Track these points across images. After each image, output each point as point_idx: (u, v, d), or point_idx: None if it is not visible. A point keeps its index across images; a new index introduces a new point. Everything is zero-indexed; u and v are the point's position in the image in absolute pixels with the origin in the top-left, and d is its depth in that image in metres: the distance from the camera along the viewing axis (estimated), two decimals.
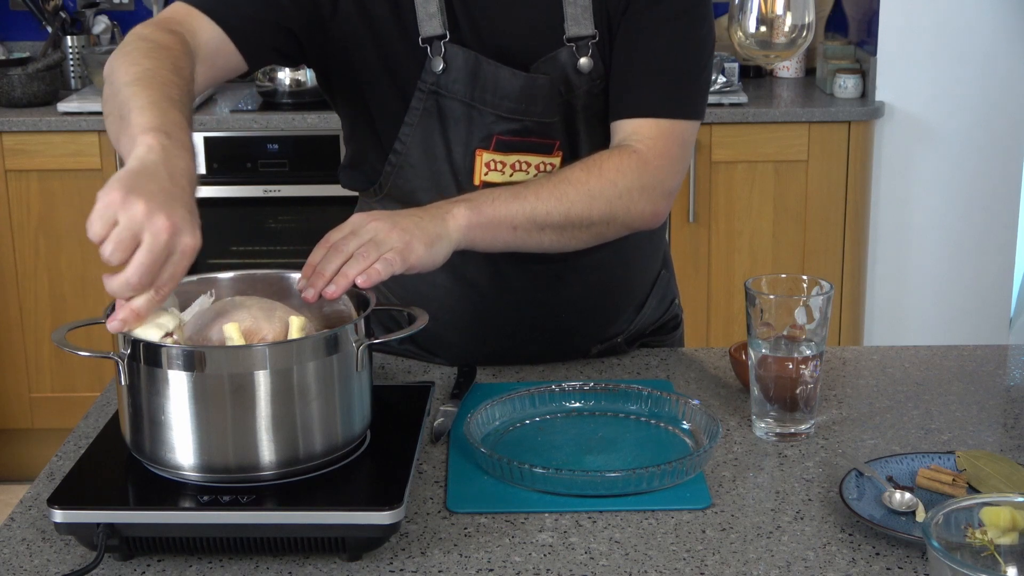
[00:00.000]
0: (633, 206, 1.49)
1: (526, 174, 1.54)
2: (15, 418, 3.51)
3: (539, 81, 1.51)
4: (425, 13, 1.50)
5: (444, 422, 1.43)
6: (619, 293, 1.67)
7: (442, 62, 1.50)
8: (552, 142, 1.53)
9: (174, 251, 1.12)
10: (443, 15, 1.50)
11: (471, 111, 1.51)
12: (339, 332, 1.21)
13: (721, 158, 3.35)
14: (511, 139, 1.52)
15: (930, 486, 1.27)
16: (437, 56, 1.50)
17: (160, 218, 1.10)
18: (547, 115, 1.52)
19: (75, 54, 3.64)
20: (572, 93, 1.53)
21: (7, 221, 3.37)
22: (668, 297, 1.77)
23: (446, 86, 1.51)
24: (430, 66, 1.51)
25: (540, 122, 1.52)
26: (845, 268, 3.42)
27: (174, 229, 1.11)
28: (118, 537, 1.14)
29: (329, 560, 1.16)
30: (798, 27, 1.24)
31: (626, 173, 1.47)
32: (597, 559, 1.16)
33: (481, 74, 1.50)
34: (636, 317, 1.70)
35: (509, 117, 1.51)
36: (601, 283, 1.63)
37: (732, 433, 1.43)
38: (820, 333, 1.38)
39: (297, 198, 3.37)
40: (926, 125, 3.38)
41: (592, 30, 1.52)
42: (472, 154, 1.53)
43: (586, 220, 1.46)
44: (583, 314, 1.63)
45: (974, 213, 3.43)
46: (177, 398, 1.16)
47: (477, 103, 1.51)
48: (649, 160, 1.49)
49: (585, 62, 1.52)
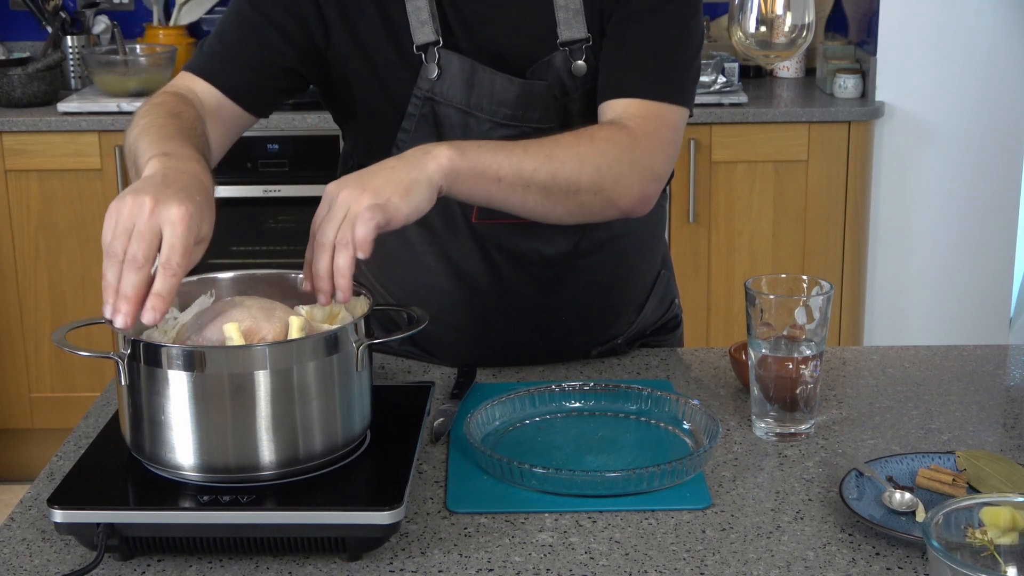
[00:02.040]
0: (622, 180, 1.43)
1: None
2: (15, 418, 3.51)
3: (536, 88, 1.50)
4: (417, 21, 1.50)
5: (444, 422, 1.43)
6: (619, 294, 1.67)
7: (436, 68, 1.50)
8: None
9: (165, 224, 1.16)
10: (435, 22, 1.50)
11: (467, 118, 1.51)
12: (339, 332, 1.21)
13: (721, 158, 3.35)
14: None
15: (930, 486, 1.27)
16: (432, 63, 1.50)
17: (166, 206, 1.16)
18: (544, 121, 1.52)
19: (75, 54, 3.64)
20: (568, 97, 1.53)
21: (7, 221, 3.37)
22: (668, 297, 1.77)
23: (441, 92, 1.51)
24: (425, 72, 1.51)
25: (537, 128, 1.51)
26: (845, 268, 3.42)
27: (185, 213, 1.16)
28: (118, 537, 1.14)
29: (329, 560, 1.16)
30: (798, 27, 1.24)
31: (616, 144, 1.44)
32: (597, 559, 1.16)
33: (477, 81, 1.50)
34: (636, 318, 1.70)
35: (506, 124, 1.51)
36: (601, 284, 1.63)
37: (732, 433, 1.43)
38: (820, 333, 1.38)
39: (297, 198, 3.37)
40: (926, 125, 3.38)
41: (585, 33, 1.51)
42: None
43: (573, 185, 1.41)
44: (583, 315, 1.63)
45: (974, 213, 3.43)
46: (177, 398, 1.16)
47: (474, 110, 1.51)
48: (639, 138, 1.46)
49: (579, 65, 1.52)
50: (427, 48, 1.50)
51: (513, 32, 1.52)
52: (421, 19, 1.50)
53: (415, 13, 1.50)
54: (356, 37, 1.52)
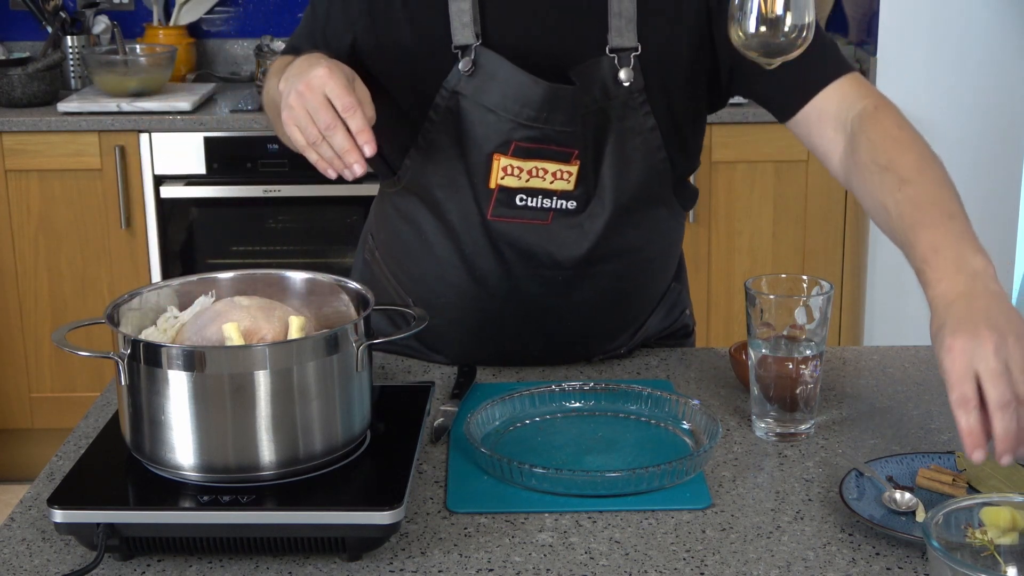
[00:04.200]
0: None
1: (542, 180, 1.52)
2: (15, 418, 3.51)
3: (561, 92, 1.49)
4: (459, 23, 1.50)
5: (444, 422, 1.43)
6: (627, 305, 1.65)
7: (471, 64, 1.50)
8: (571, 151, 1.52)
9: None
10: (476, 25, 1.50)
11: (490, 115, 1.50)
12: (339, 332, 1.21)
13: (721, 158, 3.35)
14: (530, 146, 1.51)
15: (930, 486, 1.27)
16: (467, 58, 1.50)
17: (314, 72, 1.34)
18: (568, 125, 1.51)
19: (75, 54, 3.64)
20: (609, 102, 1.51)
21: (7, 221, 3.37)
22: (679, 308, 1.75)
23: (467, 87, 1.50)
24: (457, 65, 1.51)
25: (560, 131, 1.51)
26: (845, 268, 3.42)
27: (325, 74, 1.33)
28: (118, 537, 1.14)
29: (329, 560, 1.16)
30: (798, 27, 1.24)
31: (905, 127, 1.46)
32: (597, 559, 1.16)
33: (504, 79, 1.49)
34: (640, 329, 1.69)
35: (528, 125, 1.50)
36: (610, 294, 1.61)
37: (732, 433, 1.43)
38: (820, 333, 1.38)
39: (297, 198, 3.37)
40: (926, 125, 3.35)
41: (635, 42, 1.50)
42: (489, 158, 1.52)
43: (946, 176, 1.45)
44: (588, 322, 1.62)
45: (974, 213, 3.38)
46: (177, 398, 1.16)
47: (497, 109, 1.50)
48: (885, 102, 1.49)
49: (625, 74, 1.51)
50: (466, 47, 1.50)
51: (557, 32, 1.51)
52: (463, 21, 1.50)
53: (458, 16, 1.50)
54: (385, 32, 1.53)
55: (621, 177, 1.54)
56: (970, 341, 1.16)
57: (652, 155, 1.56)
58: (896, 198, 1.38)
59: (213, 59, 3.90)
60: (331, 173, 1.36)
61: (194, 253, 3.41)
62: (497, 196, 1.53)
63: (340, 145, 1.33)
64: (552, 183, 1.53)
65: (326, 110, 1.33)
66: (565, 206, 1.54)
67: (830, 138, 1.52)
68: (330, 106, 1.33)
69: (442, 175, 1.55)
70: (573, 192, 1.54)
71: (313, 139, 1.34)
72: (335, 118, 1.33)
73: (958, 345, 1.16)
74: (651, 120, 1.54)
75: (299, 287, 1.37)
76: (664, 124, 1.55)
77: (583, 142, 1.52)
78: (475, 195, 1.54)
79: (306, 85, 1.34)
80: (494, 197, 1.53)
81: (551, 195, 1.54)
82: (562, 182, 1.53)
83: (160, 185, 3.32)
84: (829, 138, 1.52)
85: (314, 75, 1.34)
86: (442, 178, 1.55)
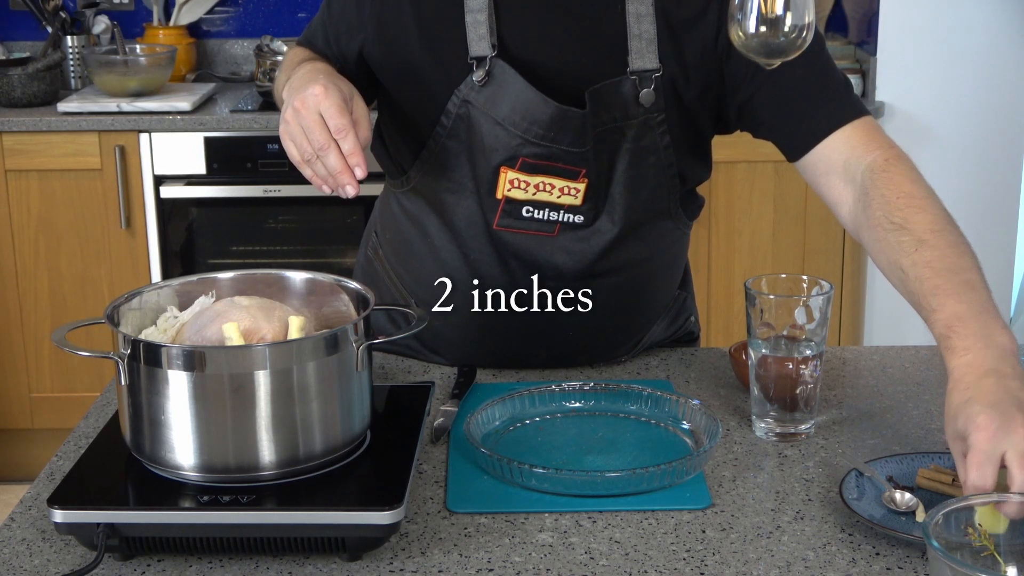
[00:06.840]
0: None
1: (549, 195, 1.52)
2: (15, 418, 3.51)
3: (570, 114, 1.48)
4: (476, 34, 1.49)
5: (444, 422, 1.43)
6: (630, 318, 1.64)
7: (484, 75, 1.49)
8: (578, 169, 1.51)
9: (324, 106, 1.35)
10: (492, 36, 1.49)
11: (499, 128, 1.49)
12: (339, 332, 1.21)
13: (721, 158, 3.30)
14: (537, 162, 1.50)
15: (930, 486, 1.27)
16: (481, 68, 1.49)
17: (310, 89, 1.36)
18: (576, 145, 1.49)
19: (75, 54, 3.64)
20: (627, 122, 1.50)
21: (7, 221, 3.37)
22: (684, 315, 1.75)
23: (479, 98, 1.49)
24: (472, 76, 1.50)
25: (568, 151, 1.49)
26: (845, 268, 3.42)
27: (321, 91, 1.35)
28: (118, 537, 1.14)
29: (329, 560, 1.16)
30: (798, 27, 1.24)
31: (918, 182, 1.43)
32: (597, 559, 1.16)
33: (515, 95, 1.48)
34: (642, 339, 1.68)
35: (536, 143, 1.49)
36: (613, 306, 1.60)
37: (732, 433, 1.43)
38: (820, 333, 1.38)
39: (297, 198, 3.36)
40: (926, 125, 3.38)
41: (656, 64, 1.49)
42: (496, 170, 1.51)
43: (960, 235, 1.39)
44: (589, 333, 1.61)
45: (974, 213, 3.43)
46: (177, 398, 1.16)
47: (506, 123, 1.49)
48: (897, 154, 1.46)
49: (646, 95, 1.49)
50: (481, 58, 1.50)
51: (576, 52, 1.50)
52: (479, 33, 1.49)
53: (474, 27, 1.49)
54: (395, 39, 1.53)
55: (631, 194, 1.54)
56: (1004, 425, 1.14)
57: (664, 172, 1.55)
58: (913, 259, 1.36)
59: (213, 59, 3.90)
60: (326, 189, 1.38)
61: (194, 253, 3.41)
62: (504, 207, 1.53)
63: (332, 166, 1.35)
64: (559, 198, 1.52)
65: (320, 130, 1.34)
66: (572, 220, 1.53)
67: (839, 190, 1.49)
68: (324, 126, 1.34)
69: (450, 181, 1.55)
70: (581, 207, 1.53)
71: (307, 156, 1.36)
72: (328, 139, 1.34)
73: (993, 426, 1.14)
74: (667, 139, 1.53)
75: (299, 287, 1.37)
76: (679, 142, 1.54)
77: (593, 162, 1.50)
78: (481, 204, 1.53)
79: (301, 102, 1.35)
80: (500, 207, 1.53)
81: (558, 208, 1.53)
82: (569, 197, 1.52)
83: (160, 185, 3.32)
84: (838, 190, 1.49)
85: (309, 93, 1.35)
86: (450, 183, 1.55)
